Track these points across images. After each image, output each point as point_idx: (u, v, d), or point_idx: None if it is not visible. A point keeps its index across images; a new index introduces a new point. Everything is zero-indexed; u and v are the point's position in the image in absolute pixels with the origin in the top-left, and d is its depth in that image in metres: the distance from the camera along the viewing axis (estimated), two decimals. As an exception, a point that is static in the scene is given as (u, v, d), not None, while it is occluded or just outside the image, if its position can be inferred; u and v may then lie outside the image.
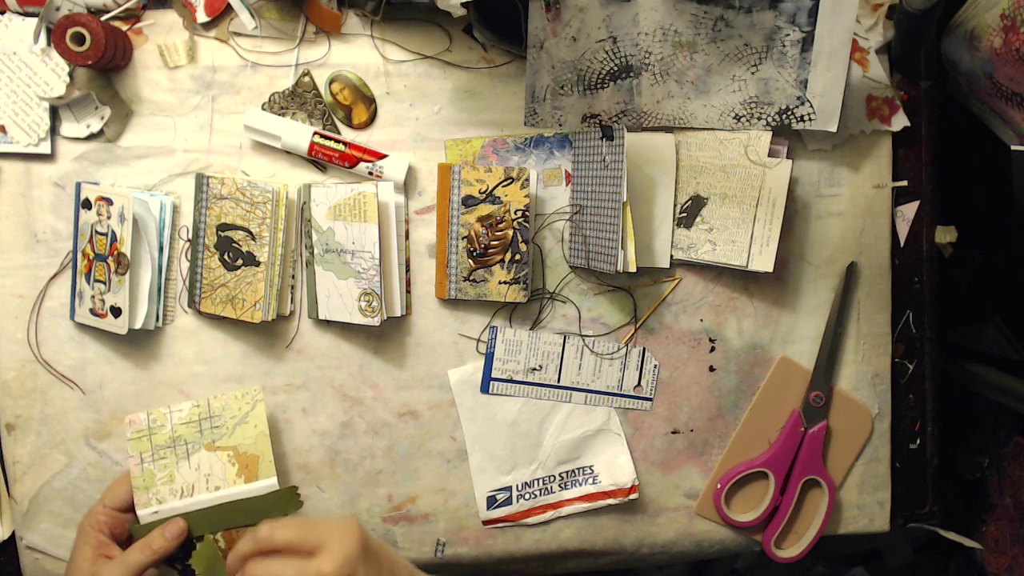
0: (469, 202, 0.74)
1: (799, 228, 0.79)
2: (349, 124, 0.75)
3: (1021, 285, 1.00)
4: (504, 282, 0.74)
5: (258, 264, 0.72)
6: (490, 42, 0.74)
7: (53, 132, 0.72)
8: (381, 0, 0.72)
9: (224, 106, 0.74)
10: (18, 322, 0.74)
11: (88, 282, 0.72)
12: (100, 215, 0.70)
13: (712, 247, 0.76)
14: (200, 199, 0.73)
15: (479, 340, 0.78)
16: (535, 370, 0.78)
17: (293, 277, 0.75)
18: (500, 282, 0.74)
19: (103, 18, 0.70)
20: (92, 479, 0.76)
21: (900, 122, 0.78)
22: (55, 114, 0.72)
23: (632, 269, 0.71)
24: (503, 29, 0.72)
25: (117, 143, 0.73)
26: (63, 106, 0.72)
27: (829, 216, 0.79)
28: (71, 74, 0.71)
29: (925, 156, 0.81)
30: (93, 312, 0.72)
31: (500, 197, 0.73)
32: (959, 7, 0.75)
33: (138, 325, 0.72)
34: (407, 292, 0.76)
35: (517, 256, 0.74)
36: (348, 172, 0.75)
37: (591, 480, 0.80)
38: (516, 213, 0.73)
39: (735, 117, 0.75)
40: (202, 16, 0.72)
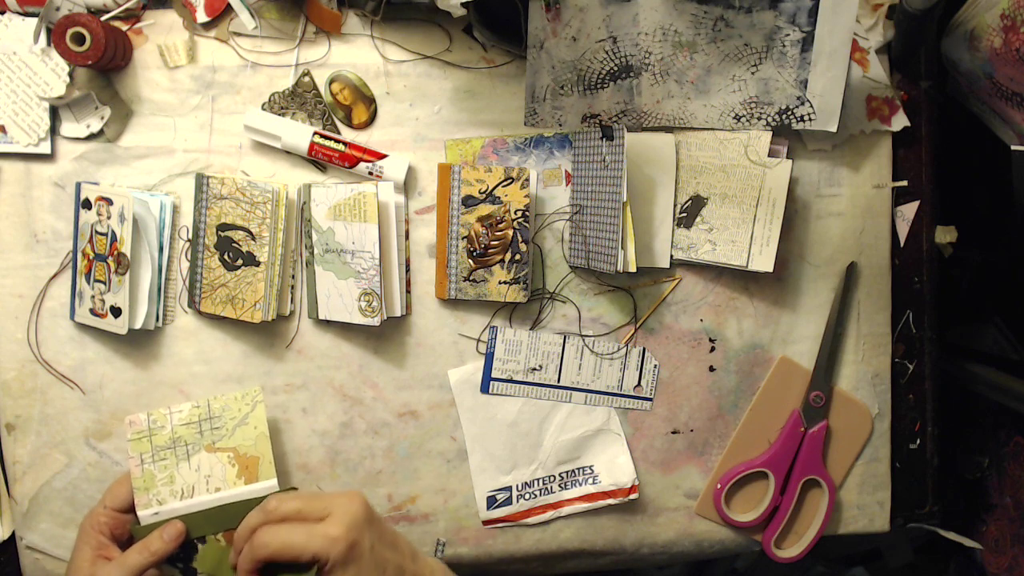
0: (469, 202, 0.74)
1: (799, 228, 0.79)
2: (349, 124, 0.75)
3: (1021, 285, 1.00)
4: (504, 282, 0.74)
5: (258, 264, 0.72)
6: (490, 42, 0.74)
7: (53, 132, 0.72)
8: (381, 0, 0.72)
9: (224, 106, 0.74)
10: (18, 322, 0.74)
11: (88, 282, 0.72)
12: (100, 215, 0.70)
13: (712, 247, 0.76)
14: (200, 199, 0.73)
15: (479, 340, 0.78)
16: (535, 370, 0.78)
17: (293, 277, 0.75)
18: (500, 282, 0.74)
19: (103, 18, 0.70)
20: (92, 479, 0.76)
21: (900, 122, 0.78)
22: (55, 114, 0.72)
23: (632, 269, 0.71)
24: (503, 29, 0.72)
25: (117, 143, 0.73)
26: (63, 106, 0.72)
27: (829, 216, 0.79)
28: (71, 74, 0.71)
29: (925, 156, 0.80)
30: (93, 312, 0.72)
31: (500, 197, 0.73)
32: (959, 7, 0.75)
33: (138, 325, 0.72)
34: (407, 292, 0.76)
35: (517, 256, 0.74)
36: (348, 172, 0.75)
37: (591, 480, 0.80)
38: (516, 213, 0.73)
39: (735, 117, 0.74)
40: (202, 16, 0.72)
